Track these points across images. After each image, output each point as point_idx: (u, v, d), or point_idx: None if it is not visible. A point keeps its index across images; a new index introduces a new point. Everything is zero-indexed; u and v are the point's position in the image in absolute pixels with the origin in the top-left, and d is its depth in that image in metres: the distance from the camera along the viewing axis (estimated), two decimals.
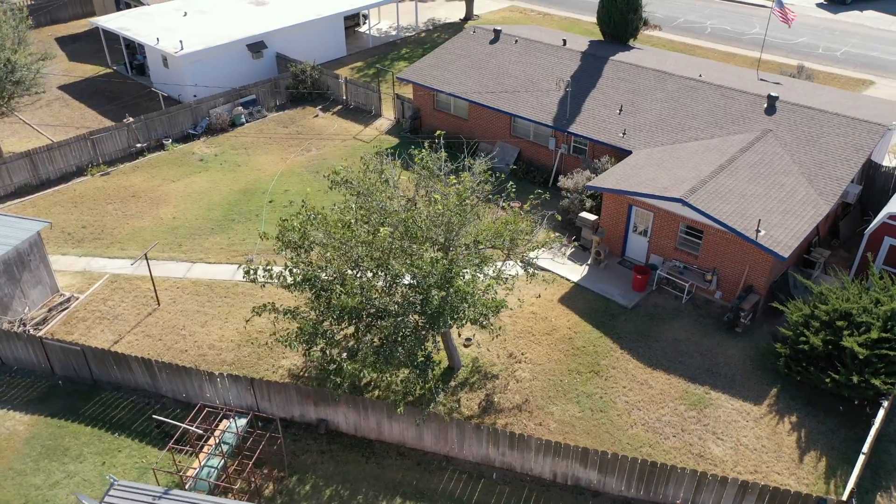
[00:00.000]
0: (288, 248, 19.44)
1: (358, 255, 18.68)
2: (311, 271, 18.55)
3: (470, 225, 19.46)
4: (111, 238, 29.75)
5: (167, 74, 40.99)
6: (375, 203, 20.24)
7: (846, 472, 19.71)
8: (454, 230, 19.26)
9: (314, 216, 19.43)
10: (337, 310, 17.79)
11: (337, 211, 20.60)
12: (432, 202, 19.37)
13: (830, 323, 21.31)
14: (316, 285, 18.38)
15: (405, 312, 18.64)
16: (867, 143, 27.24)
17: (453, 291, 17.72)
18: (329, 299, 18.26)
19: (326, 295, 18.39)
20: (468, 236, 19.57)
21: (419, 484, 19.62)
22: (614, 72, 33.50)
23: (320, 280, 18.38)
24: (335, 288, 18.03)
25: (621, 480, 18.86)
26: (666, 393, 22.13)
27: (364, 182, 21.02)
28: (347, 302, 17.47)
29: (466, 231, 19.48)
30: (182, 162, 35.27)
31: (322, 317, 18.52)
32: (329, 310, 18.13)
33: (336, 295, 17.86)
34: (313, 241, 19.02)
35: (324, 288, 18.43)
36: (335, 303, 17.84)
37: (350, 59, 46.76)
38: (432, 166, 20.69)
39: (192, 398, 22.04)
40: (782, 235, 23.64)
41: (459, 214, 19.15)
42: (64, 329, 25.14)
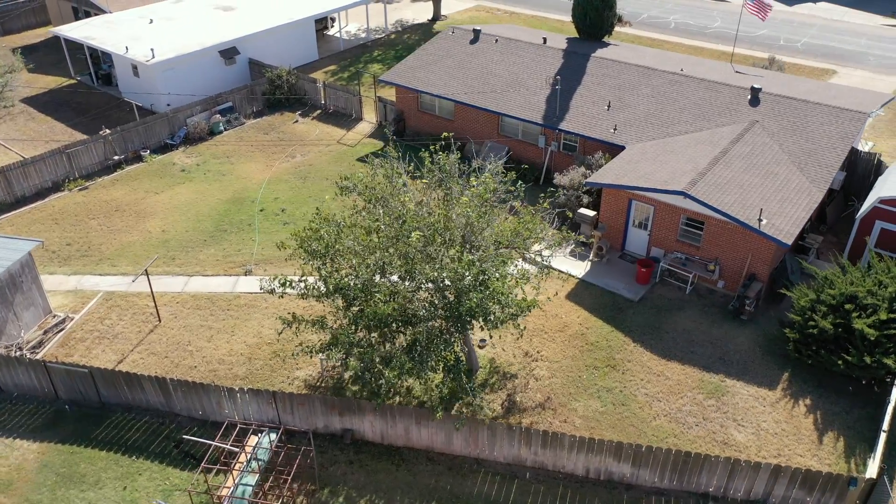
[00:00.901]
0: (313, 258, 19.05)
1: (384, 261, 18.47)
2: (343, 279, 18.24)
3: (493, 226, 19.42)
4: (99, 254, 28.80)
5: (138, 84, 39.87)
6: (392, 208, 20.06)
7: (864, 450, 20.33)
8: (477, 232, 19.20)
9: (341, 223, 19.13)
10: (371, 317, 17.53)
11: (354, 217, 20.33)
12: (457, 204, 19.25)
13: (838, 306, 21.94)
14: (348, 294, 18.07)
15: (433, 316, 18.52)
16: (851, 130, 28.15)
17: (489, 293, 17.67)
18: (362, 307, 17.97)
19: (359, 303, 18.10)
20: (490, 237, 19.52)
21: (453, 488, 19.52)
22: (598, 68, 33.88)
23: (352, 288, 18.08)
24: (372, 295, 17.75)
25: (654, 472, 19.09)
26: (683, 383, 22.49)
27: (376, 187, 20.81)
28: (384, 309, 17.24)
29: (490, 232, 19.43)
30: (163, 173, 34.35)
31: (355, 325, 18.21)
32: (363, 317, 17.84)
33: (373, 302, 17.59)
34: (338, 250, 18.71)
35: (355, 296, 18.13)
36: (369, 310, 17.58)
37: (322, 62, 46.23)
38: (448, 168, 20.57)
39: (209, 415, 21.50)
40: (783, 223, 24.26)
41: (482, 215, 19.11)
42: (62, 351, 24.24)
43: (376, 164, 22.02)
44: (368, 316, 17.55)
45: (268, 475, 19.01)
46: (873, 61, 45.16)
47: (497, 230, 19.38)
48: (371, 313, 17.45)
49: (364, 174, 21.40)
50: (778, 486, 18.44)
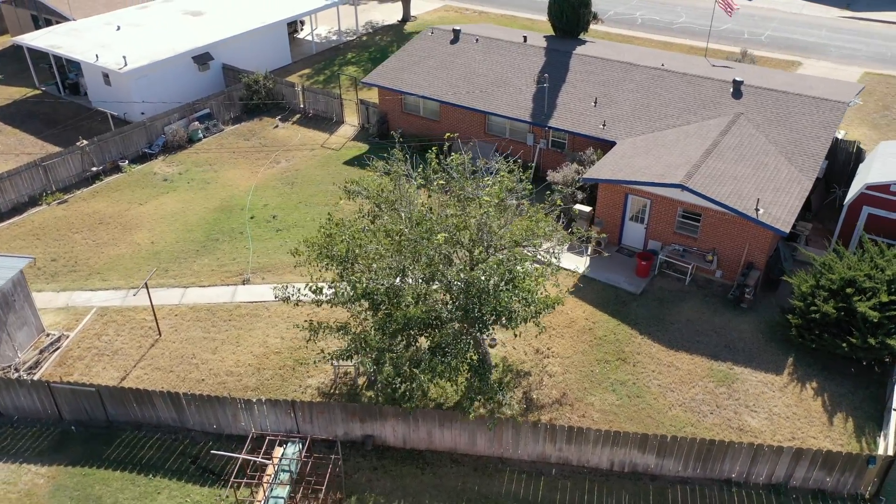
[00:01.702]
0: (335, 263, 18.80)
1: (404, 265, 18.34)
2: (372, 283, 18.03)
3: (512, 224, 19.46)
4: (88, 269, 27.95)
5: (109, 92, 38.80)
6: (412, 210, 19.96)
7: (873, 429, 20.98)
8: (494, 232, 19.21)
9: (364, 228, 18.95)
10: (400, 321, 17.38)
11: (370, 220, 20.16)
12: (478, 204, 19.22)
13: (838, 291, 22.58)
14: (375, 298, 17.87)
15: (454, 318, 18.46)
16: (833, 120, 29.01)
17: (517, 292, 17.69)
18: (389, 311, 17.79)
19: (385, 307, 17.92)
20: (508, 236, 19.55)
21: (481, 489, 19.51)
22: (581, 65, 34.22)
23: (379, 292, 17.88)
24: (400, 298, 17.58)
25: (679, 461, 19.38)
26: (693, 372, 22.88)
27: (384, 190, 20.67)
28: (414, 312, 17.11)
29: (507, 231, 19.45)
30: (144, 183, 33.51)
31: (383, 330, 18.00)
32: (391, 321, 17.66)
33: (402, 305, 17.43)
34: (358, 254, 18.51)
35: (381, 300, 17.94)
36: (398, 314, 17.42)
37: (296, 66, 45.69)
38: (460, 169, 20.53)
39: (224, 429, 21.07)
40: (778, 212, 24.86)
41: (500, 215, 19.15)
42: (60, 370, 23.46)
43: (379, 167, 21.84)
44: (397, 319, 17.39)
45: (297, 486, 18.69)
46: (834, 52, 46.60)
47: (515, 229, 19.40)
48: (400, 316, 17.29)
49: (372, 178, 21.22)
50: (799, 468, 18.90)
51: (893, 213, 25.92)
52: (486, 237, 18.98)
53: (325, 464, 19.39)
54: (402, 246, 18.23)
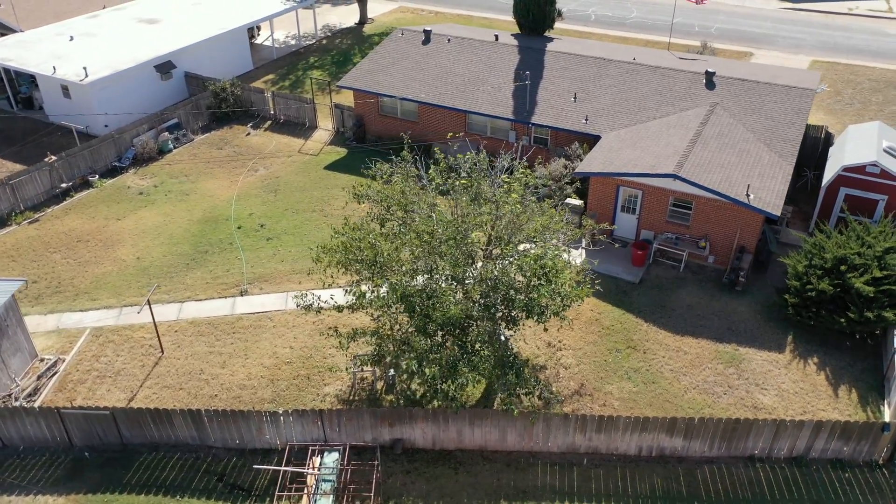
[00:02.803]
0: (365, 267, 18.63)
1: (435, 265, 18.34)
2: (410, 286, 17.92)
3: (535, 220, 19.67)
4: (74, 289, 26.89)
5: (69, 105, 37.32)
6: (420, 211, 19.96)
7: (875, 398, 22.04)
8: (517, 228, 19.40)
9: (389, 232, 18.84)
10: (440, 321, 17.36)
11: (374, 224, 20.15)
12: (504, 201, 19.34)
13: (832, 269, 23.62)
14: (413, 300, 17.77)
15: (484, 316, 18.57)
16: (804, 106, 30.29)
17: (552, 287, 17.91)
18: (427, 312, 17.71)
19: (422, 308, 17.83)
20: (530, 232, 19.75)
21: (516, 484, 19.65)
22: (555, 62, 34.73)
23: (416, 294, 17.79)
24: (438, 299, 17.53)
25: (705, 442, 19.95)
26: (701, 356, 23.56)
27: (395, 194, 20.61)
28: (454, 311, 17.11)
29: (530, 227, 19.66)
30: (119, 198, 32.40)
31: (423, 332, 17.92)
32: (431, 322, 17.60)
33: (442, 306, 17.39)
34: (389, 258, 18.39)
35: (416, 302, 17.85)
36: (437, 314, 17.38)
37: (258, 72, 44.89)
38: (475, 168, 20.63)
39: (248, 443, 20.62)
40: (768, 196, 25.83)
41: (523, 211, 19.34)
42: (62, 396, 22.53)
43: (384, 170, 21.72)
44: (436, 320, 17.36)
45: (339, 495, 18.45)
46: (782, 42, 48.56)
47: (538, 224, 19.61)
48: (440, 317, 17.27)
49: (382, 181, 21.12)
50: (818, 440, 19.72)
51: (869, 193, 27.24)
52: (507, 234, 19.12)
53: (363, 471, 19.18)
54: (432, 246, 18.20)
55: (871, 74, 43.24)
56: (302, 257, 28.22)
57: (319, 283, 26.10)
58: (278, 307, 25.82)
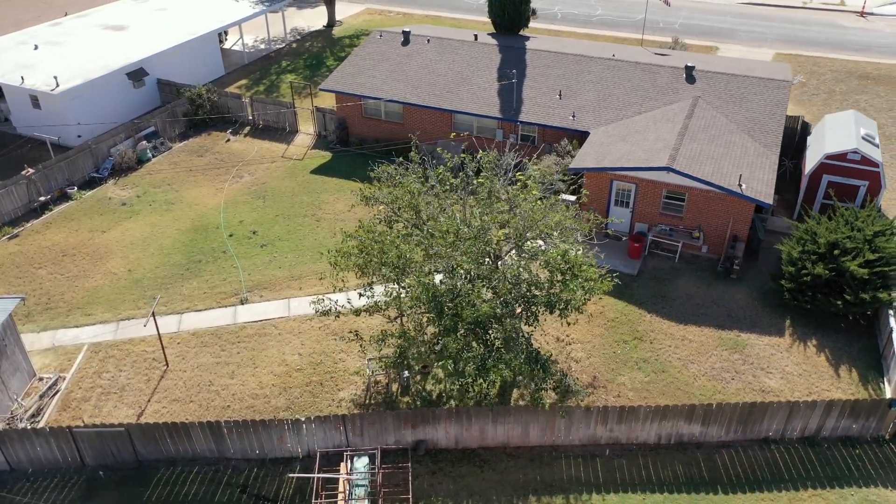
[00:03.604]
0: (390, 269, 18.54)
1: (456, 264, 18.38)
2: (439, 286, 17.88)
3: (551, 215, 19.85)
4: (66, 305, 26.10)
5: (39, 116, 36.14)
6: (434, 212, 20.00)
7: (874, 376, 22.86)
8: (535, 224, 19.56)
9: (409, 232, 18.79)
10: (470, 321, 17.39)
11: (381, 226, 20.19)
12: (524, 199, 19.48)
13: (825, 254, 24.41)
14: (441, 300, 17.75)
15: (506, 314, 18.69)
16: (782, 98, 31.21)
17: (579, 282, 18.13)
18: (457, 312, 17.71)
19: (451, 308, 17.83)
20: (543, 228, 19.93)
21: (543, 478, 19.82)
22: (537, 60, 35.06)
23: (444, 294, 17.78)
24: (471, 297, 17.56)
25: (722, 427, 20.43)
26: (706, 343, 24.10)
27: (404, 197, 20.61)
28: (485, 310, 17.17)
29: (544, 223, 19.83)
30: (102, 209, 31.54)
31: (453, 332, 17.90)
32: (460, 321, 17.62)
33: (472, 305, 17.42)
34: (412, 259, 18.35)
35: (444, 303, 17.85)
36: (466, 314, 17.41)
37: (230, 77, 44.17)
38: (488, 166, 20.73)
39: (268, 453, 20.34)
40: (758, 186, 26.55)
41: (542, 209, 19.53)
42: (67, 415, 21.86)
43: (390, 172, 21.67)
44: (466, 319, 17.40)
45: (375, 498, 18.33)
46: (744, 36, 49.89)
47: (553, 221, 19.80)
48: (469, 316, 17.31)
49: (394, 183, 21.07)
50: (829, 419, 20.38)
51: (851, 179, 28.23)
52: (523, 231, 19.29)
53: (394, 474, 19.09)
54: (455, 245, 18.24)
55: (832, 65, 44.75)
56: (299, 263, 27.93)
57: (322, 288, 26.03)
58: (281, 314, 25.49)
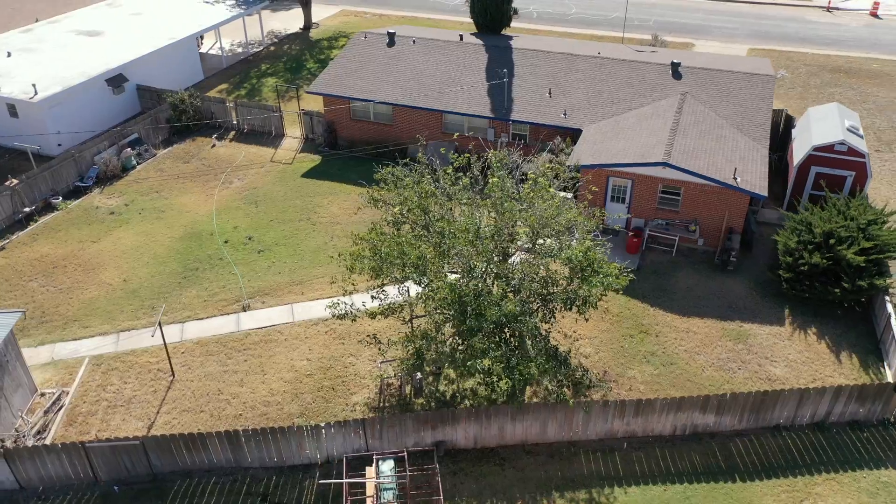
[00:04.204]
0: (412, 270, 18.48)
1: (473, 264, 18.42)
2: (464, 286, 17.86)
3: (565, 212, 19.99)
4: (61, 318, 25.49)
5: (16, 125, 35.22)
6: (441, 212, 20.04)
7: (874, 361, 23.47)
8: (550, 222, 19.69)
9: (418, 233, 18.78)
10: (494, 319, 17.44)
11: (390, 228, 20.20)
12: (540, 197, 19.58)
13: (821, 243, 24.99)
14: (466, 300, 17.73)
15: (526, 311, 18.79)
16: (768, 92, 31.86)
17: (601, 277, 18.30)
18: (481, 310, 17.71)
19: (474, 308, 17.82)
20: (556, 225, 20.06)
21: (563, 474, 19.94)
22: (524, 59, 35.24)
23: (469, 293, 17.77)
24: (486, 297, 17.59)
25: (735, 416, 20.78)
26: (710, 335, 24.50)
27: (413, 198, 20.59)
28: (511, 308, 17.22)
29: (558, 221, 19.96)
30: (89, 219, 30.85)
31: (478, 331, 17.90)
32: (484, 320, 17.63)
33: (497, 304, 17.45)
34: (429, 260, 18.32)
35: (469, 303, 17.85)
36: (489, 312, 17.44)
37: (210, 82, 43.56)
38: (499, 165, 20.79)
39: (287, 460, 20.11)
40: (752, 178, 27.07)
41: (557, 206, 19.68)
42: (74, 430, 21.34)
43: (398, 174, 21.61)
44: (490, 318, 17.43)
45: (403, 501, 18.24)
46: (717, 32, 50.83)
47: (567, 218, 19.94)
48: (494, 315, 17.34)
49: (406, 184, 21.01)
50: (837, 404, 20.86)
51: (838, 170, 28.92)
52: (541, 229, 19.41)
53: (421, 476, 19.03)
54: (475, 244, 18.27)
55: (805, 59, 45.84)
56: (299, 268, 27.67)
57: (328, 292, 25.83)
58: (285, 320, 25.23)
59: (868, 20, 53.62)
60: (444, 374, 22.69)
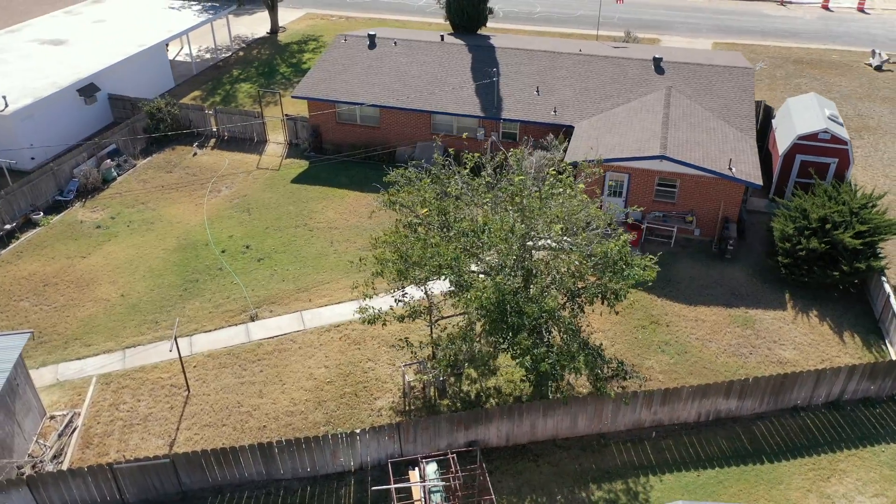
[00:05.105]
0: (449, 271, 18.40)
1: (504, 262, 18.49)
2: (503, 284, 17.84)
3: (589, 209, 20.20)
4: (61, 337, 24.57)
5: None
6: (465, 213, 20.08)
7: (875, 339, 24.38)
8: (575, 219, 19.89)
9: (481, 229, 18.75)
10: (536, 316, 17.51)
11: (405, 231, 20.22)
12: (563, 194, 19.75)
13: (817, 229, 25.83)
14: (506, 299, 17.73)
15: (562, 307, 18.97)
16: (748, 84, 32.76)
17: (634, 270, 18.56)
18: (521, 308, 17.74)
19: (513, 307, 17.83)
20: (580, 220, 20.27)
21: (598, 465, 20.15)
22: (508, 58, 35.43)
23: (509, 293, 17.79)
24: (524, 293, 17.66)
25: (755, 400, 21.32)
26: (718, 322, 25.07)
27: (430, 198, 20.58)
28: (552, 304, 17.33)
29: (578, 217, 20.17)
30: (75, 234, 29.79)
31: (519, 330, 17.92)
32: (527, 318, 17.68)
33: (532, 301, 17.54)
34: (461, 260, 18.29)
35: (508, 300, 17.86)
36: (530, 309, 17.51)
37: (181, 89, 42.52)
38: (518, 163, 20.90)
39: (320, 469, 19.80)
40: (746, 168, 27.81)
41: (580, 204, 19.89)
42: (92, 452, 20.59)
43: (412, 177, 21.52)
44: (532, 315, 17.50)
45: (459, 502, 18.14)
46: (680, 28, 52.01)
47: (591, 214, 20.16)
48: (536, 310, 17.42)
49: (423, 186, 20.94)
50: (851, 383, 21.60)
51: (822, 158, 29.91)
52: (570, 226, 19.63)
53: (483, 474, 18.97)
54: (509, 243, 18.32)
55: (768, 52, 47.28)
56: (303, 274, 27.26)
57: (334, 298, 25.59)
58: (296, 328, 24.84)
59: (820, 13, 55.62)
60: (466, 374, 22.68)
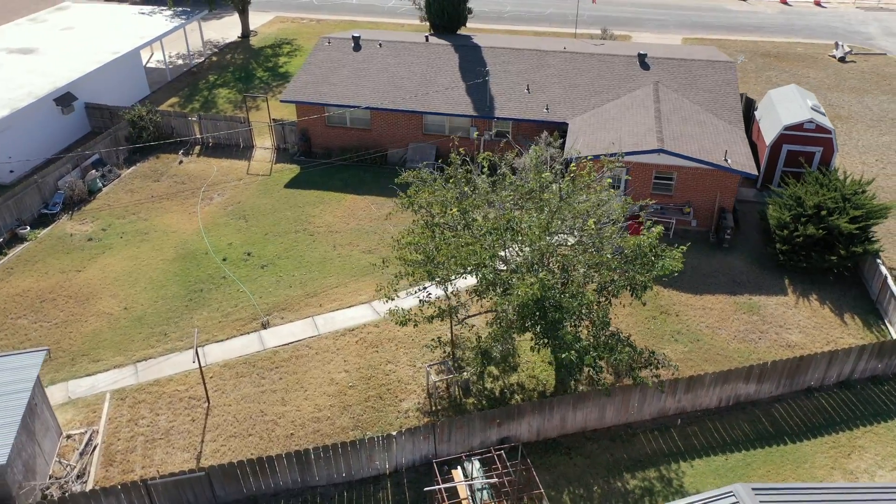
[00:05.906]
0: (489, 273, 18.43)
1: (538, 258, 18.67)
2: (549, 280, 17.96)
3: (610, 202, 20.51)
4: (66, 354, 23.84)
5: None
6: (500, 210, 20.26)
7: (874, 320, 25.30)
8: (600, 214, 20.20)
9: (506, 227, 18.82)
10: (576, 310, 17.72)
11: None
12: (585, 188, 20.03)
13: (813, 215, 26.68)
14: (546, 295, 17.85)
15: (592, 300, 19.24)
16: (732, 77, 33.63)
17: (662, 262, 18.90)
18: (559, 303, 17.90)
19: (552, 303, 17.97)
20: (604, 216, 20.57)
21: (629, 455, 20.46)
22: (495, 57, 35.66)
23: (550, 288, 17.92)
24: (567, 288, 17.86)
25: (773, 383, 21.93)
26: (725, 310, 25.69)
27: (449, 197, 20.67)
28: (592, 298, 17.55)
29: (604, 211, 20.47)
30: (66, 247, 28.92)
31: (561, 324, 18.08)
32: (567, 312, 17.86)
33: (571, 296, 17.75)
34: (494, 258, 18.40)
35: (550, 296, 17.98)
36: (567, 303, 17.70)
37: (158, 96, 41.61)
38: (537, 161, 21.09)
39: (355, 474, 19.65)
40: (740, 159, 28.55)
41: (609, 195, 20.21)
42: (117, 469, 20.05)
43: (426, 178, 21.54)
44: (571, 310, 17.69)
45: (509, 499, 18.18)
46: (648, 24, 53.03)
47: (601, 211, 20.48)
48: (575, 305, 17.64)
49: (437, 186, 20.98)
50: (861, 362, 22.40)
51: (807, 147, 30.90)
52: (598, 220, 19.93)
53: (529, 470, 19.03)
54: (542, 238, 18.50)
55: (736, 46, 48.55)
56: (310, 280, 26.99)
57: (345, 302, 25.44)
58: (310, 333, 24.59)
59: (780, 7, 57.37)
60: (488, 372, 22.78)
